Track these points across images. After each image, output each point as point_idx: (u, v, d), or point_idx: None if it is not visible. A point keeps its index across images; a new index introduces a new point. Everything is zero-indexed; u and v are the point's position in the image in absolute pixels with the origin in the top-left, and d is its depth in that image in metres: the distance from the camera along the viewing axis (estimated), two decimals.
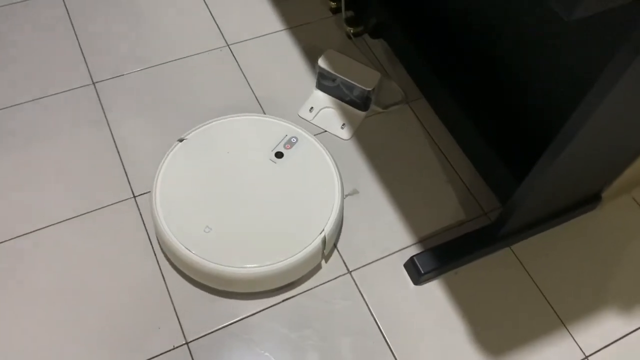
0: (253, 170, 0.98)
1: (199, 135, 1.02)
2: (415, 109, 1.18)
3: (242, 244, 0.91)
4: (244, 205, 0.94)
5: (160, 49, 1.21)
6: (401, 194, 1.06)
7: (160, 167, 0.97)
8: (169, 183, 0.95)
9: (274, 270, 0.89)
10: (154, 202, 0.93)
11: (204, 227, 0.91)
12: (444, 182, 1.09)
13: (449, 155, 1.12)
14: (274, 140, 1.02)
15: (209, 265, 0.88)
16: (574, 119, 0.70)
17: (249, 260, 0.89)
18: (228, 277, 0.89)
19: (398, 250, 1.00)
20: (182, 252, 0.89)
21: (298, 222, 0.93)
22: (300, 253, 0.90)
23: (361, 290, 0.95)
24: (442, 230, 1.03)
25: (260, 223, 0.93)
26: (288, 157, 1.00)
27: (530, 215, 0.97)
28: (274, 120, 1.05)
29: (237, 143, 1.01)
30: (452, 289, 0.96)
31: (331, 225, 0.93)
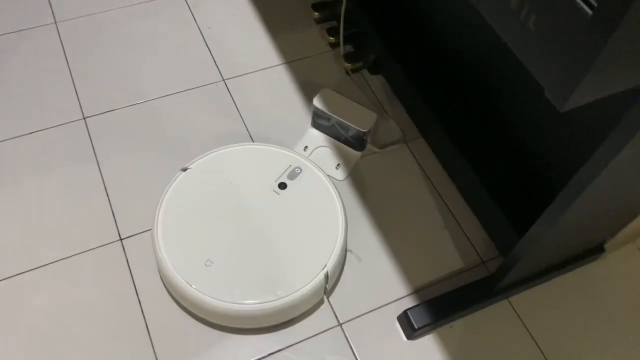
0: (256, 202, 0.97)
1: (202, 165, 1.01)
2: (414, 149, 1.14)
3: (244, 278, 0.89)
4: (246, 238, 0.93)
5: (154, 84, 1.19)
6: (396, 240, 1.03)
7: (163, 196, 0.96)
8: (171, 214, 0.94)
9: (276, 307, 0.87)
10: (156, 234, 0.92)
11: (205, 261, 0.89)
12: (441, 228, 1.05)
13: (447, 200, 1.08)
14: (277, 171, 1.01)
15: (209, 301, 0.86)
16: (580, 176, 0.67)
17: (250, 296, 0.87)
18: (229, 313, 0.87)
19: (392, 301, 0.96)
20: (182, 286, 0.87)
21: (300, 257, 0.92)
22: (303, 289, 0.88)
23: (352, 345, 0.91)
24: (439, 280, 0.99)
25: (262, 257, 0.91)
26: (291, 188, 0.99)
27: (530, 268, 0.93)
28: (278, 150, 1.04)
29: (241, 173, 1.00)
30: (446, 344, 0.92)
31: (334, 260, 0.92)
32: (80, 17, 1.28)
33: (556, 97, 0.41)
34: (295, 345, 0.91)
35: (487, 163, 1.02)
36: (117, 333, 0.89)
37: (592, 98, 0.42)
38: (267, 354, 0.90)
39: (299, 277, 0.89)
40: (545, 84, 0.42)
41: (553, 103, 0.42)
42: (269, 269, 0.90)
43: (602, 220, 0.87)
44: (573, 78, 0.39)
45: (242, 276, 0.89)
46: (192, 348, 0.89)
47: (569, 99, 0.41)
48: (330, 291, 0.96)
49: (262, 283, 0.89)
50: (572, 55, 0.38)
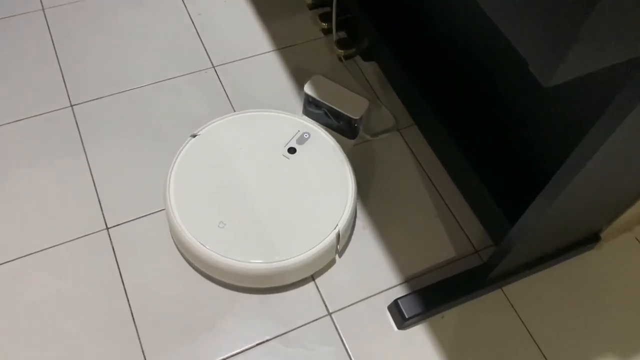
0: (266, 166, 0.98)
1: (211, 131, 1.01)
2: (406, 136, 1.12)
3: (257, 239, 0.90)
4: (258, 201, 0.94)
5: (143, 71, 1.17)
6: (388, 228, 1.01)
7: (174, 163, 0.97)
8: (182, 179, 0.95)
9: (289, 265, 0.88)
10: (168, 198, 0.92)
11: (218, 223, 0.90)
12: (434, 217, 1.03)
13: (440, 188, 1.06)
14: (286, 136, 1.01)
15: (223, 260, 0.87)
16: (571, 161, 0.65)
17: (264, 256, 0.89)
18: (243, 272, 0.88)
19: (383, 290, 0.94)
20: (197, 247, 0.88)
21: (312, 217, 0.93)
22: (315, 248, 0.89)
23: (341, 335, 0.90)
24: (431, 269, 0.97)
25: (274, 218, 0.92)
26: (301, 152, 0.99)
27: (524, 257, 0.91)
28: (286, 116, 1.05)
29: (250, 139, 1.01)
30: (438, 334, 0.91)
31: (345, 220, 0.93)
32: (68, 3, 1.26)
33: (540, 71, 0.39)
34: (284, 335, 0.89)
35: (481, 151, 1.00)
36: (104, 323, 0.88)
37: (580, 72, 0.40)
38: (256, 343, 0.88)
39: (312, 237, 0.90)
40: (528, 57, 0.40)
41: (538, 78, 0.40)
42: (281, 229, 0.91)
43: (596, 208, 0.85)
44: (558, 50, 0.37)
45: (255, 237, 0.90)
46: (177, 337, 0.88)
47: (555, 73, 0.39)
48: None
49: (275, 243, 0.90)
50: (556, 25, 0.36)
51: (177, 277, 0.93)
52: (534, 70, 0.40)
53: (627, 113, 0.56)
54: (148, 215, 0.99)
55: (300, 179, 0.97)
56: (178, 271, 0.93)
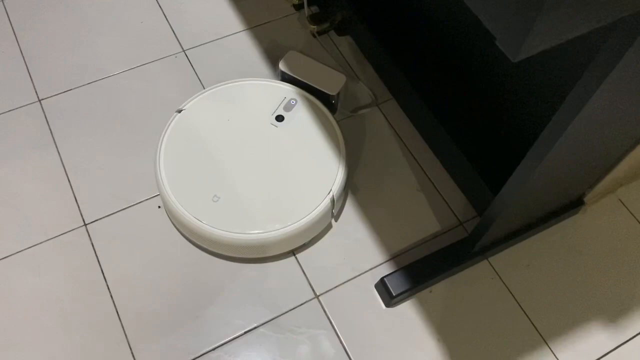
0: (255, 135, 0.97)
1: (196, 105, 1.00)
2: (386, 111, 1.10)
3: (252, 210, 0.90)
4: (250, 172, 0.93)
5: (110, 59, 1.13)
6: (371, 205, 1.00)
7: (162, 139, 0.96)
8: (172, 155, 0.94)
9: (287, 233, 0.89)
10: (159, 176, 0.92)
11: (212, 197, 0.90)
12: (417, 191, 1.02)
13: (421, 161, 1.05)
14: (273, 104, 1.01)
15: (222, 234, 0.88)
16: (552, 126, 0.63)
17: (261, 226, 0.89)
18: (243, 243, 0.88)
19: (369, 269, 0.94)
20: (193, 223, 0.88)
21: (305, 184, 0.93)
22: (310, 214, 0.90)
23: (330, 316, 0.89)
24: (416, 244, 0.96)
25: (268, 187, 0.92)
26: (289, 119, 0.99)
27: (509, 226, 0.91)
28: (270, 83, 1.04)
29: (236, 109, 1.00)
30: (426, 309, 0.91)
31: (339, 184, 0.93)
32: None
33: (507, 45, 0.37)
34: (273, 321, 0.88)
35: (460, 122, 0.99)
36: (88, 321, 0.87)
37: (548, 44, 0.38)
38: (244, 331, 0.87)
39: (306, 204, 0.91)
40: (494, 31, 0.38)
41: (505, 53, 0.38)
42: (275, 198, 0.91)
43: (579, 172, 0.84)
44: (523, 22, 0.35)
45: (251, 208, 0.90)
46: (163, 329, 0.87)
47: (521, 46, 0.37)
48: (300, 249, 0.93)
49: (271, 212, 0.90)
50: None
51: (159, 269, 0.91)
52: (501, 45, 0.38)
53: (605, 76, 0.54)
54: (127, 209, 0.97)
55: (290, 147, 0.96)
56: (160, 262, 0.92)
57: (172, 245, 0.94)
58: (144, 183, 0.99)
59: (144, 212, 0.97)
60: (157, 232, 0.95)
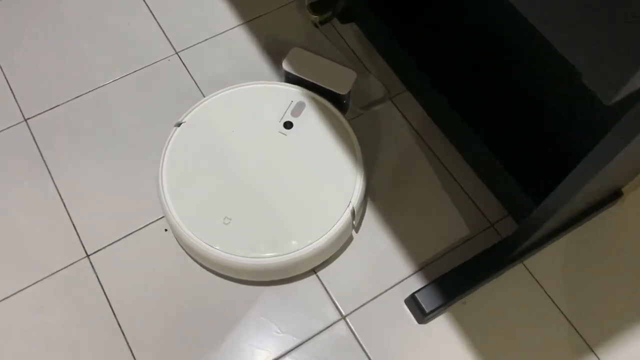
0: (263, 147, 0.89)
1: (196, 116, 0.91)
2: (400, 105, 1.02)
3: (268, 230, 0.83)
4: (261, 188, 0.86)
5: (98, 68, 1.04)
6: (392, 211, 0.92)
7: (163, 157, 0.88)
8: (175, 174, 0.87)
9: (308, 254, 0.82)
10: (164, 199, 0.84)
11: (223, 219, 0.83)
12: (441, 191, 0.95)
13: (443, 158, 0.97)
14: (279, 110, 0.92)
15: (237, 260, 0.81)
16: (618, 131, 0.55)
17: (279, 248, 0.81)
18: (261, 268, 0.81)
19: (396, 283, 0.87)
20: (205, 249, 0.81)
21: (322, 198, 0.85)
22: (331, 231, 0.82)
23: (359, 338, 0.83)
24: (445, 251, 0.90)
25: (283, 204, 0.85)
26: (298, 125, 0.90)
27: (548, 229, 0.83)
28: (273, 86, 0.95)
29: (240, 118, 0.91)
30: (461, 322, 0.84)
31: (358, 194, 0.86)
32: None
33: (601, 87, 0.30)
34: (298, 348, 0.82)
35: (484, 114, 0.91)
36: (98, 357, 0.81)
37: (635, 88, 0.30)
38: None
39: (325, 219, 0.83)
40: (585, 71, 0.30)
41: (597, 94, 0.30)
42: (291, 216, 0.84)
43: (623, 169, 0.77)
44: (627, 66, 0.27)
45: (266, 228, 0.83)
46: None
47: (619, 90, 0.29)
48: (321, 266, 0.87)
49: (288, 232, 0.83)
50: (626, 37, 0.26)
51: (170, 297, 0.85)
52: (592, 85, 0.30)
53: None
54: (131, 234, 0.89)
55: (303, 157, 0.88)
56: (171, 290, 0.85)
57: (182, 270, 0.87)
58: (147, 205, 0.91)
59: (149, 236, 0.89)
60: (166, 258, 0.88)
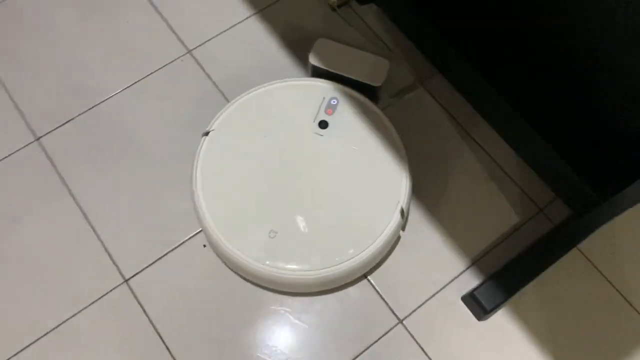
0: (301, 151, 0.84)
1: (224, 123, 0.86)
2: (433, 89, 0.97)
3: (317, 240, 0.79)
4: (305, 195, 0.81)
5: (108, 76, 0.97)
6: (437, 204, 0.89)
7: (195, 170, 0.83)
8: (210, 186, 0.82)
9: (362, 261, 0.78)
10: (202, 213, 0.80)
11: (269, 232, 0.78)
12: (485, 179, 0.91)
13: (484, 144, 0.93)
14: (312, 108, 0.86)
15: (290, 275, 0.77)
16: None
17: (331, 258, 0.77)
18: (316, 281, 0.78)
19: (451, 280, 0.84)
20: (254, 266, 0.77)
21: (370, 200, 0.81)
22: (383, 234, 0.79)
23: (418, 341, 0.80)
24: (497, 242, 0.86)
25: (330, 212, 0.80)
26: (334, 124, 0.85)
27: None
28: (303, 83, 0.90)
29: (272, 121, 0.86)
30: (522, 316, 0.82)
31: (406, 192, 0.81)
32: None
33: None
34: (360, 357, 0.79)
35: (525, 91, 0.86)
36: None
37: None
38: None
39: (376, 222, 0.79)
40: None
41: None
42: (341, 222, 0.80)
43: None
44: None
45: (314, 238, 0.79)
46: None
47: None
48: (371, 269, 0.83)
49: (340, 240, 0.79)
50: None
51: (218, 317, 0.81)
52: None
53: None
54: (168, 254, 0.85)
55: (342, 157, 0.83)
56: (218, 310, 0.81)
57: (227, 287, 0.83)
58: (180, 220, 0.86)
59: (187, 253, 0.85)
60: (208, 274, 0.84)
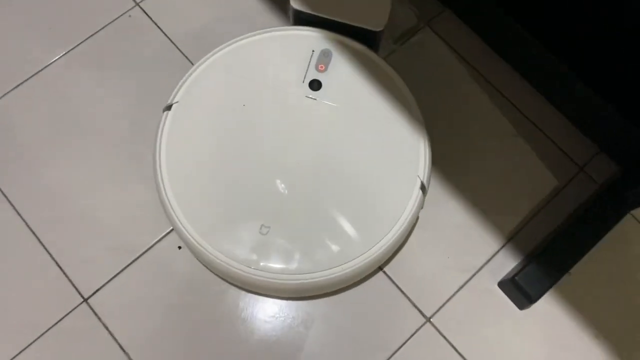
0: (290, 121, 0.66)
1: (190, 93, 0.66)
2: (441, 30, 0.80)
3: (323, 235, 0.61)
4: (300, 177, 0.63)
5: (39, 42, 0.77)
6: (460, 171, 0.73)
7: (158, 154, 0.63)
8: (180, 176, 0.63)
9: (378, 255, 0.61)
10: (175, 216, 0.61)
11: (259, 228, 0.61)
12: (512, 136, 0.75)
13: (508, 93, 0.77)
14: (299, 66, 0.68)
15: (288, 280, 0.60)
16: None
17: (342, 254, 0.61)
18: (321, 284, 0.61)
19: (483, 265, 0.70)
20: (245, 274, 0.60)
21: (383, 175, 0.64)
22: (401, 218, 0.62)
23: (451, 341, 0.67)
24: (533, 212, 0.72)
25: (334, 196, 0.63)
26: (328, 83, 0.67)
27: None
28: (284, 34, 0.70)
29: (250, 86, 0.67)
30: (571, 299, 0.69)
31: (425, 162, 0.64)
32: None
33: None
34: None
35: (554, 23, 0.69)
36: None
37: None
38: None
39: (392, 203, 0.62)
40: None
41: None
42: (350, 208, 0.63)
43: None
44: None
45: (318, 232, 0.62)
46: None
47: None
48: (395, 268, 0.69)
49: (350, 231, 0.62)
50: None
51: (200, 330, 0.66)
52: None
53: None
54: (135, 261, 0.68)
55: (344, 125, 0.66)
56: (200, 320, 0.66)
57: (211, 294, 0.67)
58: (145, 219, 0.70)
59: (159, 258, 0.69)
60: (186, 282, 0.68)
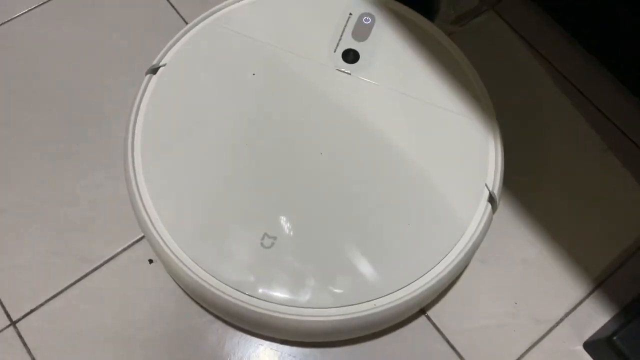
0: (313, 99, 0.48)
1: (184, 54, 0.50)
2: (508, 15, 0.64)
3: (347, 255, 0.43)
4: (319, 174, 0.46)
5: None
6: (533, 188, 0.55)
7: (132, 132, 0.46)
8: (159, 167, 0.45)
9: (429, 289, 0.43)
10: (148, 219, 0.43)
11: (261, 238, 0.43)
12: (599, 152, 0.58)
13: (594, 96, 0.60)
14: (330, 30, 0.51)
15: (299, 317, 0.41)
16: None
17: (373, 285, 0.42)
18: (348, 326, 0.42)
19: (564, 315, 0.51)
20: (238, 303, 0.41)
21: (436, 182, 0.46)
22: (462, 240, 0.44)
23: None
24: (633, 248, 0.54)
25: (363, 204, 0.45)
26: (367, 55, 0.50)
27: None
28: None
29: (263, 51, 0.50)
30: None
31: (497, 168, 0.47)
32: None
33: None
34: None
35: None
36: None
37: None
38: None
39: (448, 220, 0.45)
40: None
41: None
42: (386, 222, 0.44)
43: None
44: None
45: (343, 252, 0.43)
46: None
47: None
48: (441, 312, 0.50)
49: (384, 253, 0.43)
50: None
51: None
52: None
53: None
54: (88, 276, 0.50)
55: (385, 108, 0.48)
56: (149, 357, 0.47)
57: (188, 329, 0.49)
58: (107, 220, 0.52)
59: (121, 274, 0.50)
60: (154, 307, 0.49)
